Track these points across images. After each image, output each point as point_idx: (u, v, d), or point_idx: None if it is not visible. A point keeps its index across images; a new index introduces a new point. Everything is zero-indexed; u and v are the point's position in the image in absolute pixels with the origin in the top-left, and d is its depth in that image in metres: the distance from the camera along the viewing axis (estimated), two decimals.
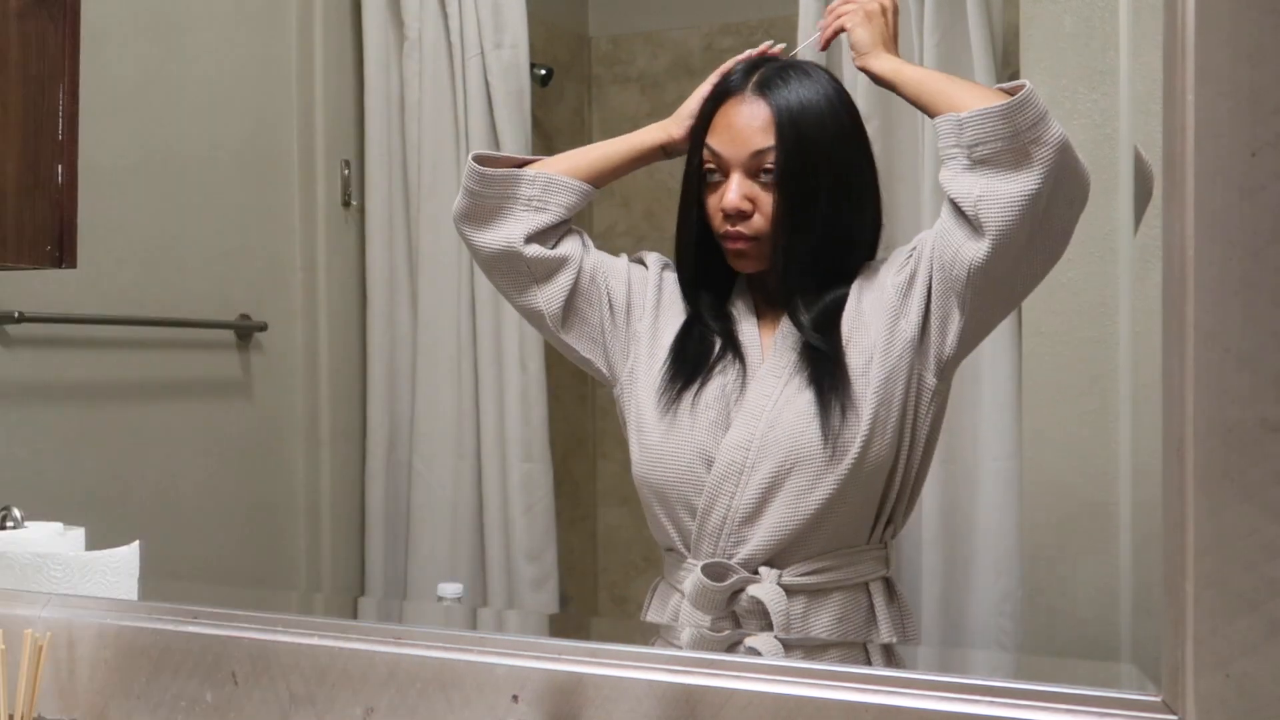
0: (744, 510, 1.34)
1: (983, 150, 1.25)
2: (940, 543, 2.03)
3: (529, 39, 2.44)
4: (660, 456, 1.38)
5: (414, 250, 2.46)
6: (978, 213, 1.25)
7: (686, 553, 1.39)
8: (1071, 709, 0.85)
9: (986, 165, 1.25)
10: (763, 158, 1.35)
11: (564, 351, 1.50)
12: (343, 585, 2.42)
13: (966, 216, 1.28)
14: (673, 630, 1.37)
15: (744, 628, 1.35)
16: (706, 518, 1.36)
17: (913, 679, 0.90)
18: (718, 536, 1.35)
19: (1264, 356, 0.76)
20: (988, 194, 1.25)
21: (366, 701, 1.06)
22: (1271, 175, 0.75)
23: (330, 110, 2.40)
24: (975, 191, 1.26)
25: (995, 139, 1.24)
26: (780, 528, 1.33)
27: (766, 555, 1.34)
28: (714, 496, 1.35)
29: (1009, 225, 1.24)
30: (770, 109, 1.35)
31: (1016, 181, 1.24)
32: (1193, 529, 0.77)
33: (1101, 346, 1.81)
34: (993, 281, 1.29)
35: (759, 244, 1.37)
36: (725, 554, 1.35)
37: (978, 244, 1.26)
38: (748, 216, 1.36)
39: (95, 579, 1.29)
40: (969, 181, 1.27)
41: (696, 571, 1.34)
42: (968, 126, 1.26)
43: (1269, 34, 0.75)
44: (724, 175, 1.37)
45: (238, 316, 2.24)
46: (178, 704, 1.16)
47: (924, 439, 1.38)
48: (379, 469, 2.45)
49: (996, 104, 1.25)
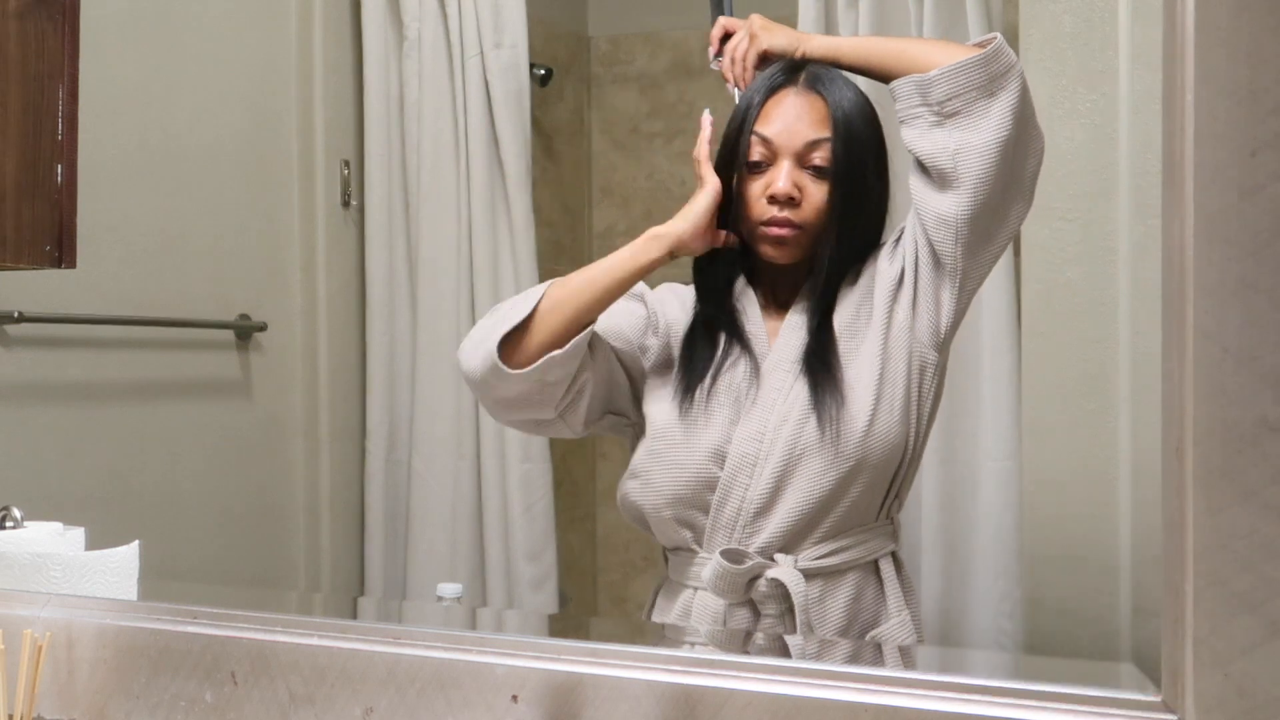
0: (758, 501, 1.36)
1: (955, 104, 1.30)
2: (940, 543, 2.03)
3: (528, 39, 2.44)
4: (676, 459, 1.39)
5: (413, 250, 2.46)
6: (956, 165, 1.30)
7: (698, 549, 1.40)
8: (1071, 709, 0.85)
9: (958, 118, 1.30)
10: (816, 148, 1.37)
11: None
12: (342, 585, 2.42)
13: (941, 174, 1.32)
14: (683, 627, 1.38)
15: (763, 613, 1.36)
16: (720, 511, 1.37)
17: (912, 679, 0.90)
18: (732, 528, 1.37)
19: (1263, 356, 0.76)
20: (964, 146, 1.30)
21: (366, 701, 1.06)
22: (1270, 175, 0.75)
23: (330, 110, 2.40)
24: (950, 145, 1.31)
25: (968, 90, 1.29)
26: (794, 515, 1.35)
27: (781, 543, 1.36)
28: (728, 490, 1.37)
29: (987, 174, 1.29)
30: (826, 102, 1.38)
31: (989, 130, 1.29)
32: (1192, 529, 0.77)
33: (1101, 347, 1.81)
34: (978, 235, 1.33)
35: (803, 233, 1.38)
36: (740, 545, 1.37)
37: (958, 197, 1.31)
38: (796, 205, 1.37)
39: (95, 579, 1.29)
40: (940, 137, 1.31)
41: (715, 558, 1.35)
42: (937, 83, 1.31)
43: (1268, 34, 0.75)
44: (770, 163, 1.39)
45: (237, 316, 2.24)
46: (177, 704, 1.16)
47: (929, 414, 1.41)
48: (378, 469, 2.45)
49: (971, 56, 1.30)
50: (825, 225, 1.38)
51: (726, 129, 1.43)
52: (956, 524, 2.03)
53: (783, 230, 1.38)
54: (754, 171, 1.40)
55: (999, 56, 1.29)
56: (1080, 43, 1.82)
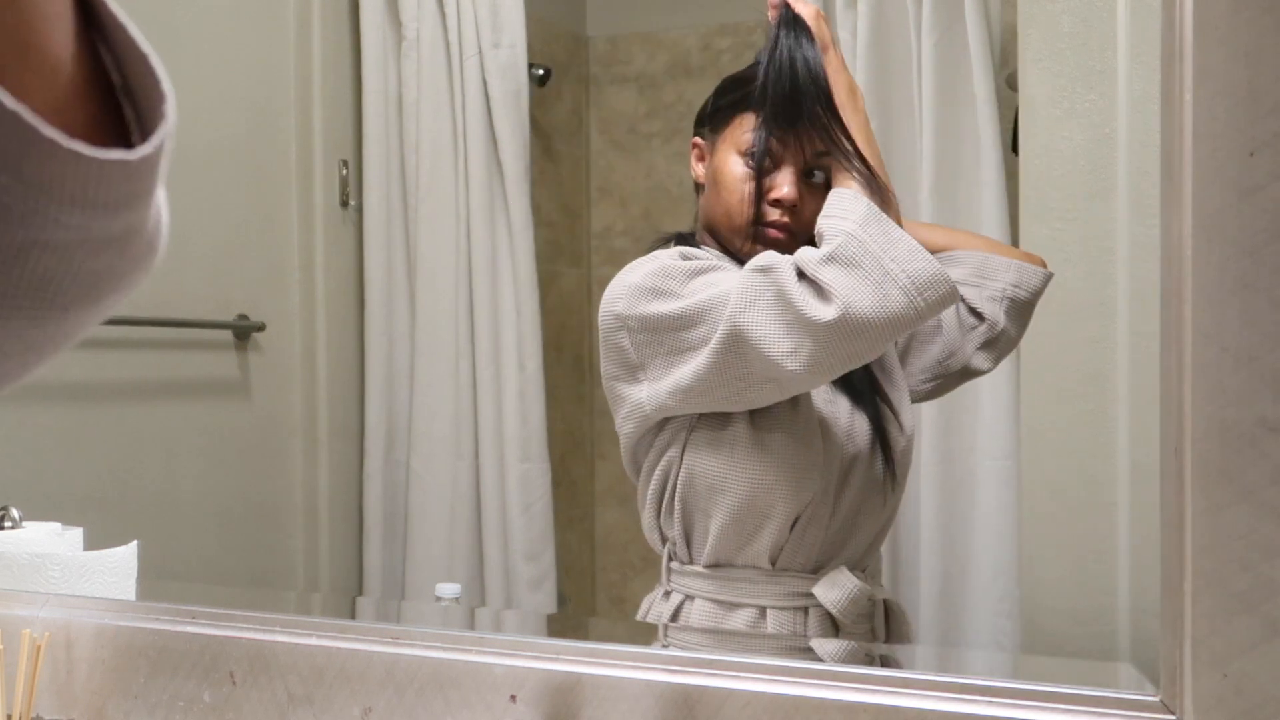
0: (841, 518, 1.38)
1: (1023, 295, 1.45)
2: (939, 543, 2.03)
3: (527, 39, 2.44)
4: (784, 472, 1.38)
5: (412, 250, 2.46)
6: (995, 339, 1.45)
7: (770, 566, 1.37)
8: (1070, 709, 0.85)
9: (1015, 307, 1.45)
10: (821, 158, 1.35)
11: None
12: (340, 585, 2.42)
13: (976, 329, 1.44)
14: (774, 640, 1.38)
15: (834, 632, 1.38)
16: (808, 528, 1.36)
17: (911, 679, 0.91)
18: (815, 545, 1.37)
19: (1262, 356, 0.76)
20: (1009, 331, 1.46)
21: (364, 702, 1.06)
22: (1269, 175, 0.75)
23: (328, 110, 2.40)
24: (1001, 323, 1.45)
25: (1034, 295, 1.47)
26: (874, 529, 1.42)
27: (862, 559, 1.41)
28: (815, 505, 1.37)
29: (1000, 359, 1.48)
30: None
31: (1019, 333, 1.48)
32: (1191, 529, 0.77)
33: (1100, 346, 1.81)
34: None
35: (795, 240, 1.36)
36: (817, 563, 1.37)
37: (983, 362, 1.47)
38: (797, 211, 1.36)
39: (93, 579, 1.29)
40: (995, 310, 1.45)
41: (844, 574, 1.35)
42: (1014, 270, 1.45)
43: (1266, 34, 0.75)
44: (776, 167, 1.37)
45: (236, 317, 2.24)
46: (175, 704, 1.16)
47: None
48: (377, 469, 2.45)
49: (1044, 270, 1.48)
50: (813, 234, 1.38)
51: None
52: (955, 524, 2.03)
53: (780, 235, 1.37)
54: (757, 166, 1.37)
55: (1045, 284, 1.48)
56: (1079, 42, 1.82)
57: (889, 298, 1.17)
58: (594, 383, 1.43)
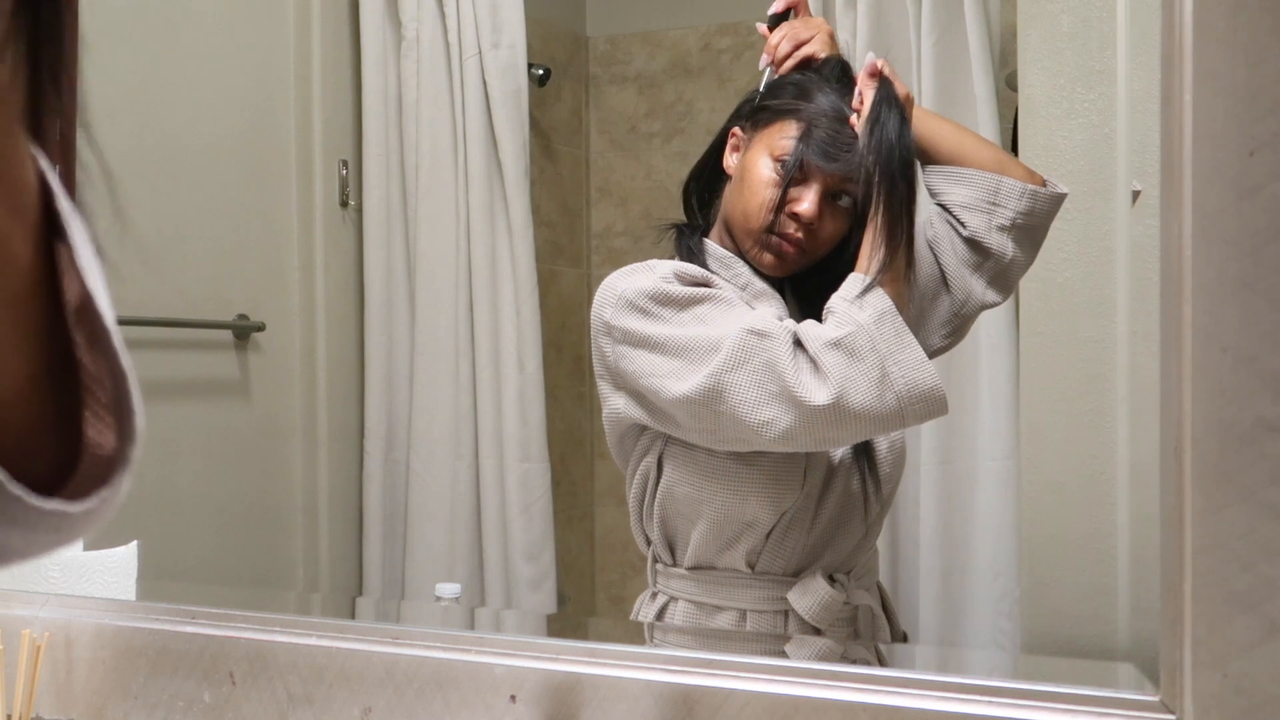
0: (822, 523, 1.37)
1: (1030, 220, 1.37)
2: (938, 543, 2.03)
3: (526, 39, 2.44)
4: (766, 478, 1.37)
5: (412, 250, 2.46)
6: (1005, 270, 1.38)
7: (749, 570, 1.37)
8: (1070, 709, 0.85)
9: (1028, 234, 1.38)
10: (847, 183, 1.33)
11: None
12: (340, 585, 2.42)
13: (983, 265, 1.38)
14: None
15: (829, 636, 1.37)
16: (788, 534, 1.36)
17: (911, 679, 0.91)
18: (795, 551, 1.36)
19: (1261, 356, 0.76)
20: (1018, 259, 1.39)
21: (364, 701, 1.06)
22: (1269, 175, 0.75)
23: (328, 110, 2.40)
24: (1009, 254, 1.38)
25: (1044, 217, 1.39)
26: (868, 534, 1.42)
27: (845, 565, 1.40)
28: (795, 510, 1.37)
29: (1013, 288, 1.42)
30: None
31: (1031, 257, 1.40)
32: (1190, 529, 0.77)
33: (1099, 346, 1.81)
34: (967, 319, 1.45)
35: (804, 257, 1.35)
36: (796, 568, 1.37)
37: (996, 296, 1.40)
38: (813, 230, 1.34)
39: (93, 579, 1.29)
40: (1001, 240, 1.38)
41: (818, 582, 1.34)
42: (1027, 197, 1.37)
43: (1266, 34, 0.75)
44: (802, 181, 1.33)
45: (235, 317, 2.24)
46: (175, 704, 1.15)
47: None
48: (376, 469, 2.45)
49: (1057, 189, 1.39)
50: (823, 256, 1.37)
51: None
52: (955, 523, 2.03)
53: (791, 249, 1.34)
54: (786, 176, 1.34)
55: (1059, 204, 1.41)
56: (1078, 42, 1.82)
57: (883, 400, 1.17)
58: (594, 382, 1.43)
